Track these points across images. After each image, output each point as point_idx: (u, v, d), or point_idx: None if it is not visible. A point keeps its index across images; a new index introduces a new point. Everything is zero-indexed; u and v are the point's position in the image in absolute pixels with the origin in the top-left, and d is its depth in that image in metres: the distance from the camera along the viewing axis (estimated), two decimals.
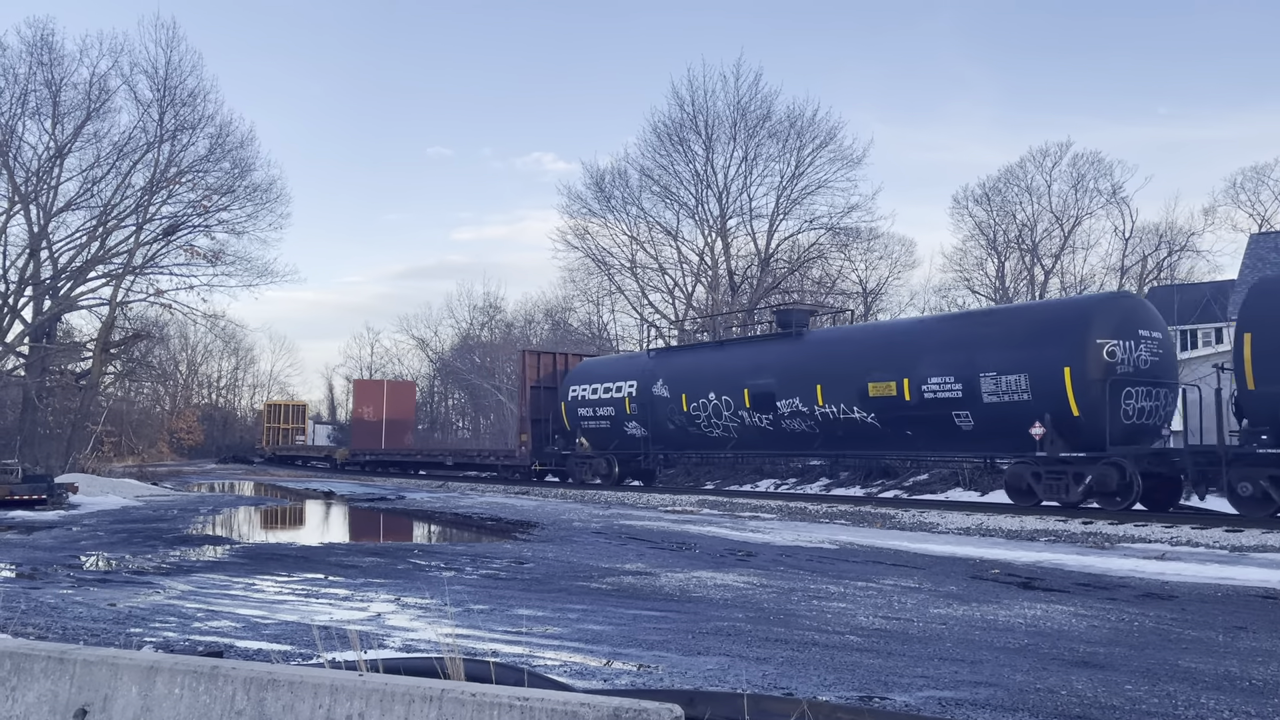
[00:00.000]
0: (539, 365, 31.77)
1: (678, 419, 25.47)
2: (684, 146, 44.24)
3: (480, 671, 4.36)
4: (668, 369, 26.43)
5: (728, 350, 25.70)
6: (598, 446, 28.54)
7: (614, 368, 29.33)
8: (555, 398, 30.41)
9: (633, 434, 27.29)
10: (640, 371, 27.36)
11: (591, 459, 28.70)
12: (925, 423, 19.77)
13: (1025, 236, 50.71)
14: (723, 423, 24.35)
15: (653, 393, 26.25)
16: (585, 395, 28.76)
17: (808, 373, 22.31)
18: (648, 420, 26.49)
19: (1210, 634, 7.43)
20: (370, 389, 53.70)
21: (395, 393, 53.30)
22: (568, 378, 30.28)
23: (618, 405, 27.52)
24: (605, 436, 28.18)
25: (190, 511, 22.16)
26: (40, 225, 34.63)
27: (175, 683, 3.91)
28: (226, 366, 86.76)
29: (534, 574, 11.13)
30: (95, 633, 7.39)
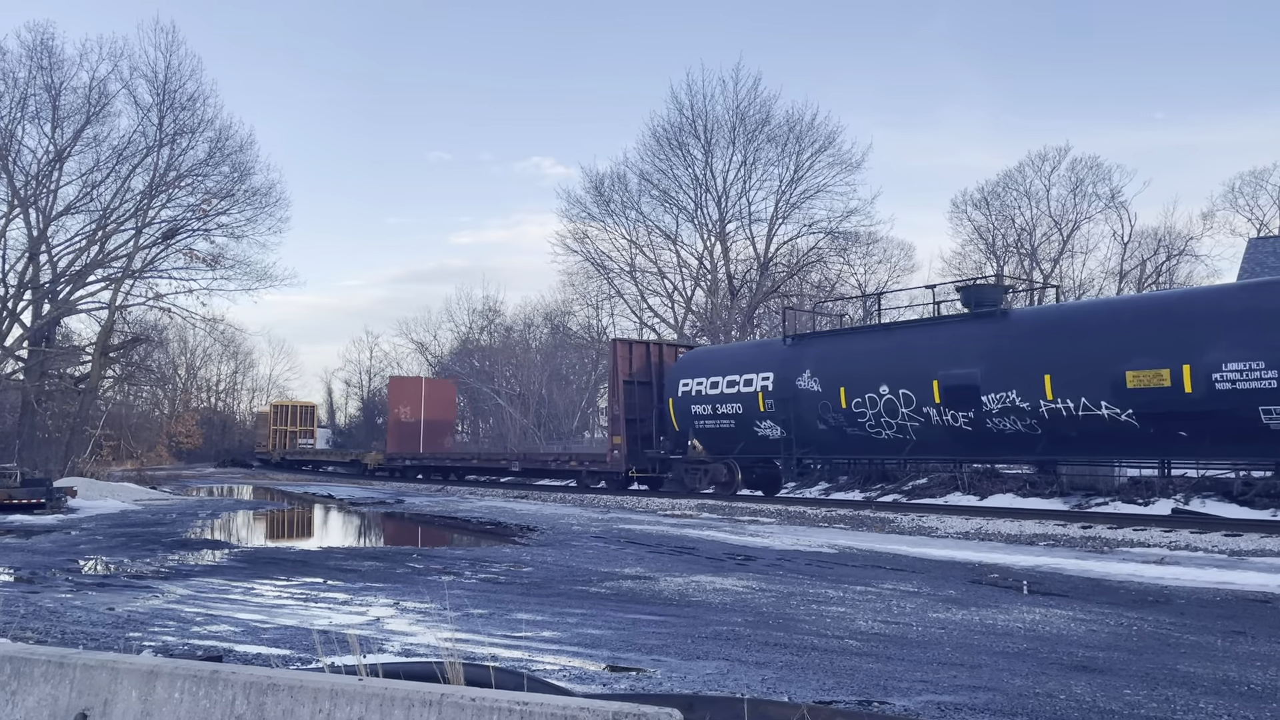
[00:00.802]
0: (631, 357, 27.89)
1: (832, 417, 21.68)
2: (683, 151, 44.34)
3: (480, 676, 4.36)
4: (817, 358, 22.35)
5: (900, 335, 21.56)
6: (716, 450, 24.90)
7: (739, 357, 25.18)
8: (650, 393, 27.29)
9: (766, 435, 23.40)
10: (777, 361, 23.31)
11: (706, 464, 25.18)
12: (1212, 420, 16.15)
13: (1024, 240, 50.74)
14: (897, 422, 20.56)
15: (796, 386, 22.35)
16: (701, 390, 24.85)
17: (1028, 360, 18.42)
18: (789, 419, 22.57)
19: (1209, 638, 7.44)
20: (407, 387, 48.66)
21: (434, 391, 48.71)
22: (675, 370, 26.28)
23: (746, 401, 23.63)
24: (727, 438, 24.39)
25: (189, 515, 22.15)
26: (39, 229, 34.64)
27: (175, 687, 3.91)
28: (225, 370, 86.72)
29: (533, 578, 11.13)
30: (94, 637, 7.38)
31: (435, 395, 48.15)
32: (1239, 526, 15.18)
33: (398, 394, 48.13)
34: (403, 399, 47.39)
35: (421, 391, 47.63)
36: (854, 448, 22.01)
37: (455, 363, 63.30)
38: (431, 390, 48.43)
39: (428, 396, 47.17)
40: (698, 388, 25.02)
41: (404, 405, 46.96)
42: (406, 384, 49.60)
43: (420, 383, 49.64)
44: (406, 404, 46.89)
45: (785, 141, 43.17)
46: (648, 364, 27.91)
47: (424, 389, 47.98)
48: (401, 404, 47.17)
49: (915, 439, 20.46)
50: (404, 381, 50.65)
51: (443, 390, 50.36)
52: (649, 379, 27.54)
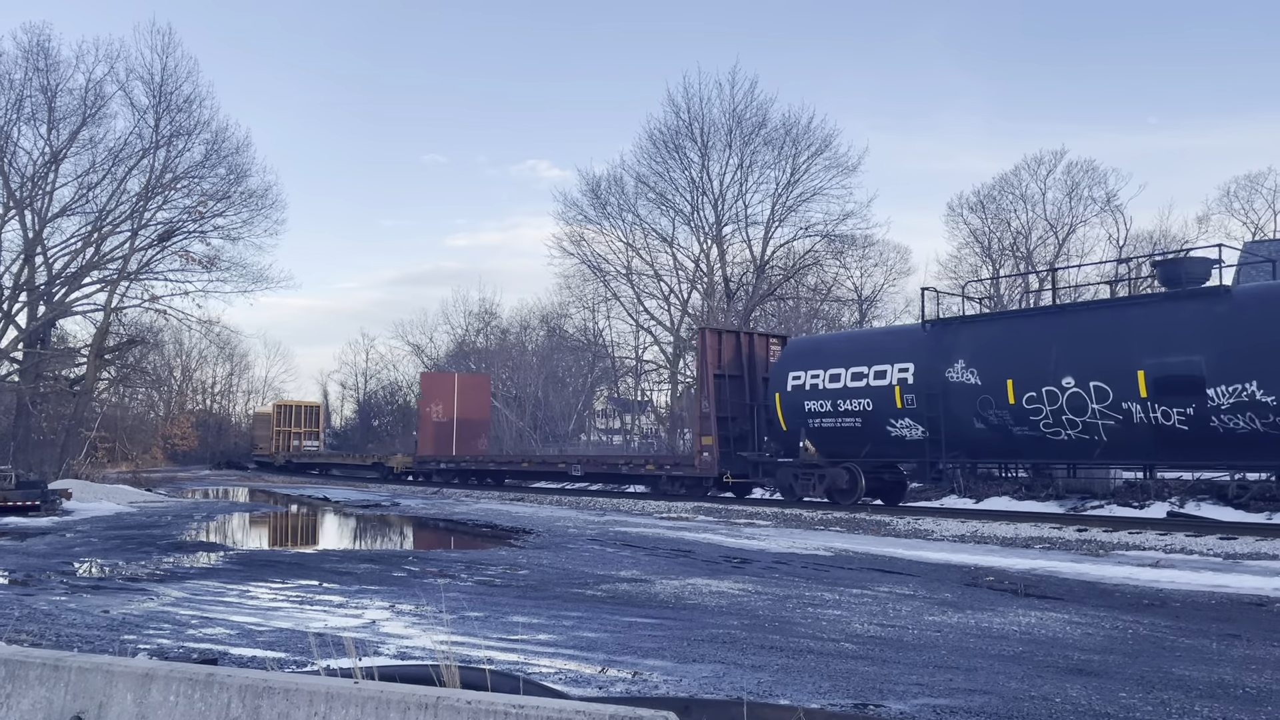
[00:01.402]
0: (721, 347, 25.14)
1: (995, 415, 18.70)
2: (680, 153, 44.35)
3: (475, 679, 4.36)
4: (974, 345, 19.37)
5: (1081, 318, 18.41)
6: (833, 453, 21.84)
7: (866, 345, 22.25)
8: (742, 387, 24.88)
9: (901, 436, 20.52)
10: (918, 349, 20.41)
11: (821, 469, 22.02)
12: None
13: (1020, 244, 50.83)
14: (1084, 420, 17.54)
15: (946, 378, 19.44)
16: (816, 384, 21.89)
17: (1271, 346, 15.68)
18: (936, 416, 19.60)
19: (1204, 642, 7.45)
20: (439, 384, 44.29)
21: (468, 388, 44.22)
22: (783, 361, 23.48)
23: (877, 397, 20.72)
24: (849, 439, 21.39)
25: (184, 518, 22.11)
26: (35, 231, 34.61)
27: (170, 690, 3.91)
28: (221, 372, 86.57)
29: (529, 581, 11.12)
30: (89, 639, 7.37)
31: (469, 393, 44.02)
32: (1234, 530, 15.21)
33: (430, 391, 43.84)
34: (435, 397, 43.18)
35: (454, 389, 43.58)
36: (1022, 450, 18.97)
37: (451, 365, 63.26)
38: (465, 387, 44.33)
39: (461, 394, 43.25)
40: (812, 381, 22.00)
41: (436, 403, 42.85)
42: (439, 380, 45.32)
43: (453, 379, 45.49)
44: (439, 402, 42.83)
45: (782, 144, 43.23)
46: (738, 355, 25.29)
47: (457, 386, 43.98)
48: (433, 402, 43.02)
49: (1106, 440, 17.46)
50: (436, 378, 46.55)
51: (477, 387, 45.80)
52: (739, 372, 25.06)
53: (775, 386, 23.11)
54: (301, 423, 62.16)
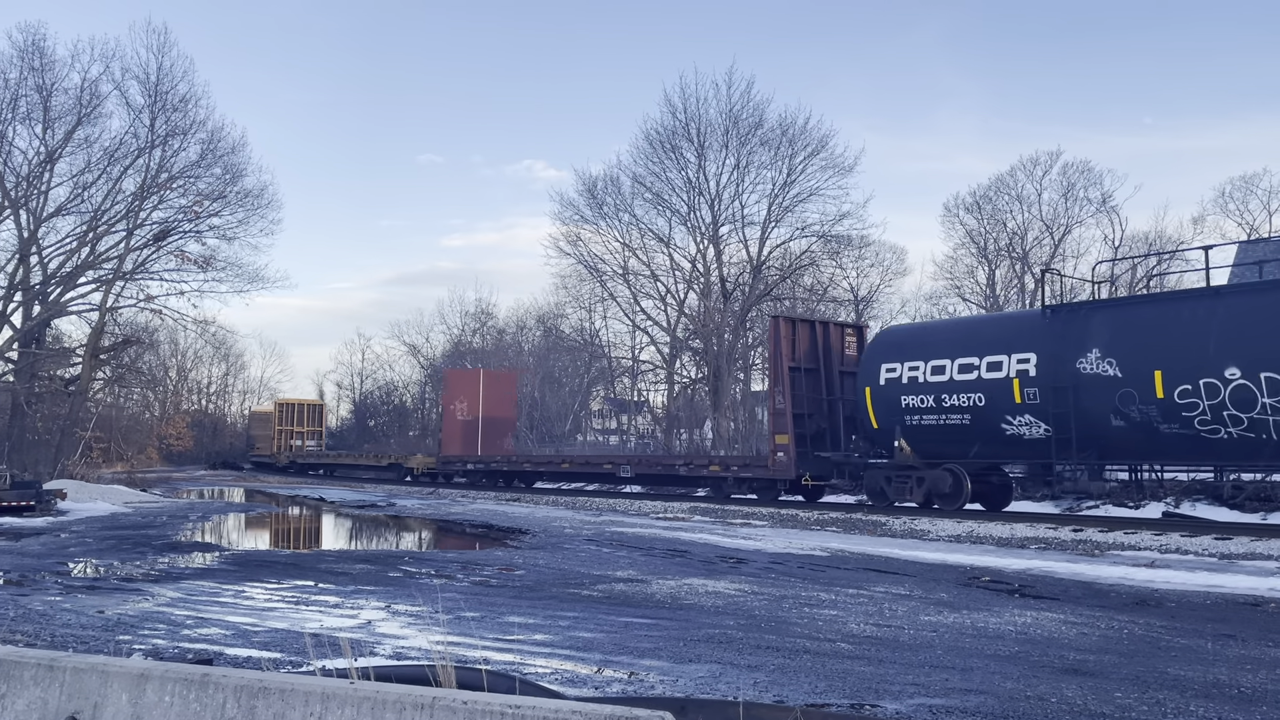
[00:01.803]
0: (795, 338, 23.14)
1: (1138, 411, 16.70)
2: (676, 154, 44.32)
3: (472, 679, 4.35)
4: (1111, 332, 17.36)
5: (1243, 301, 16.43)
6: (933, 453, 19.86)
7: (973, 333, 20.14)
8: (818, 381, 23.05)
9: (1019, 434, 18.46)
10: (1038, 337, 18.38)
11: (918, 470, 20.07)
12: None
13: (1016, 245, 50.89)
14: (1250, 416, 15.60)
15: (1077, 370, 17.44)
16: (915, 377, 19.91)
17: None
18: (1064, 413, 17.60)
19: (1199, 642, 7.47)
20: (464, 381, 42.07)
21: (494, 385, 41.97)
22: (875, 352, 21.38)
23: (992, 390, 18.69)
24: (954, 438, 19.36)
25: (179, 518, 22.07)
26: (30, 230, 34.53)
27: (165, 690, 3.90)
28: (217, 372, 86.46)
29: (525, 581, 11.11)
30: (84, 640, 7.35)
31: (495, 390, 41.78)
32: (1229, 530, 15.24)
33: (454, 388, 41.86)
34: (459, 394, 41.11)
35: (479, 386, 41.44)
36: (1170, 451, 17.00)
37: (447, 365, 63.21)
38: (491, 384, 42.03)
39: (487, 391, 41.15)
40: (910, 374, 19.98)
41: (460, 401, 40.63)
42: (463, 377, 43.32)
43: (478, 376, 43.18)
44: (463, 399, 40.66)
45: (778, 145, 43.22)
46: (813, 346, 23.39)
47: (482, 383, 41.77)
48: (458, 399, 40.88)
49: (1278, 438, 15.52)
50: (461, 375, 44.51)
51: (503, 384, 43.29)
52: (815, 364, 23.20)
53: (866, 380, 21.03)
54: (304, 422, 60.38)
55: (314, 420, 61.62)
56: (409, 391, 75.14)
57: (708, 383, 43.77)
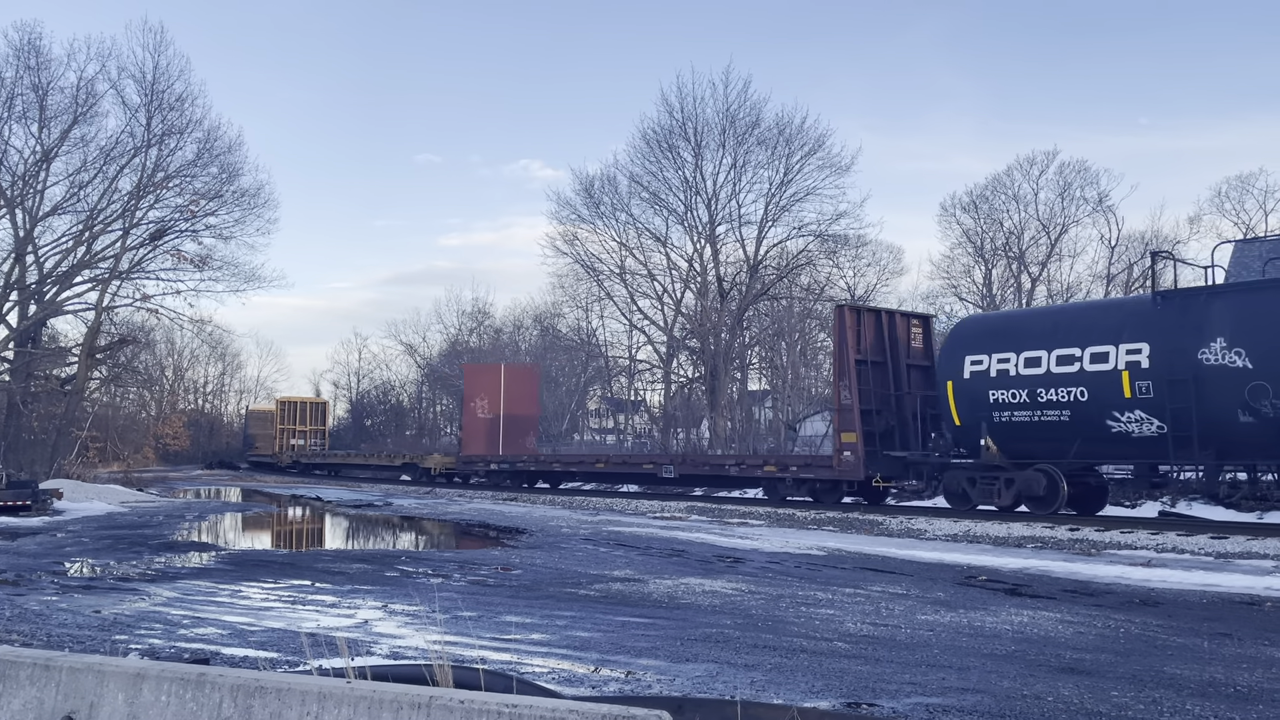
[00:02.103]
0: (861, 328, 21.56)
1: (1273, 406, 15.34)
2: (673, 153, 44.33)
3: (468, 678, 4.35)
4: (1235, 319, 15.92)
5: None
6: (1022, 452, 18.24)
7: (1072, 322, 18.43)
8: (885, 375, 21.53)
9: (1126, 431, 16.95)
10: (1150, 326, 16.91)
11: (1006, 471, 18.45)
12: None
13: (1012, 244, 50.94)
14: None
15: (1199, 361, 16.00)
16: (1006, 369, 18.34)
17: None
18: (1183, 408, 16.14)
19: (1195, 640, 7.48)
20: (484, 377, 39.54)
21: (515, 381, 39.68)
22: (957, 343, 19.71)
23: (1097, 384, 17.20)
24: (1051, 436, 17.79)
25: (176, 518, 22.05)
26: (26, 230, 34.48)
27: (162, 690, 3.89)
28: (213, 372, 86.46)
29: (522, 581, 11.11)
30: (80, 640, 7.34)
31: (516, 386, 39.50)
32: (1225, 529, 15.26)
33: (474, 385, 39.22)
34: (479, 390, 38.72)
35: (500, 382, 39.09)
36: None
37: (444, 364, 63.20)
38: (512, 380, 39.74)
39: (508, 387, 38.91)
40: (1000, 366, 18.43)
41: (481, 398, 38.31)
42: (483, 374, 40.65)
43: (499, 371, 40.76)
44: (484, 396, 38.33)
45: (775, 144, 43.23)
46: (880, 338, 21.87)
47: (503, 378, 39.41)
48: (478, 396, 38.50)
49: None
50: (480, 370, 41.79)
51: (525, 380, 41.00)
52: (881, 357, 21.75)
53: (947, 373, 19.45)
54: (307, 420, 58.84)
55: (317, 419, 60.00)
56: (405, 391, 75.16)
57: (705, 382, 43.79)
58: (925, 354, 22.63)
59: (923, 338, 22.92)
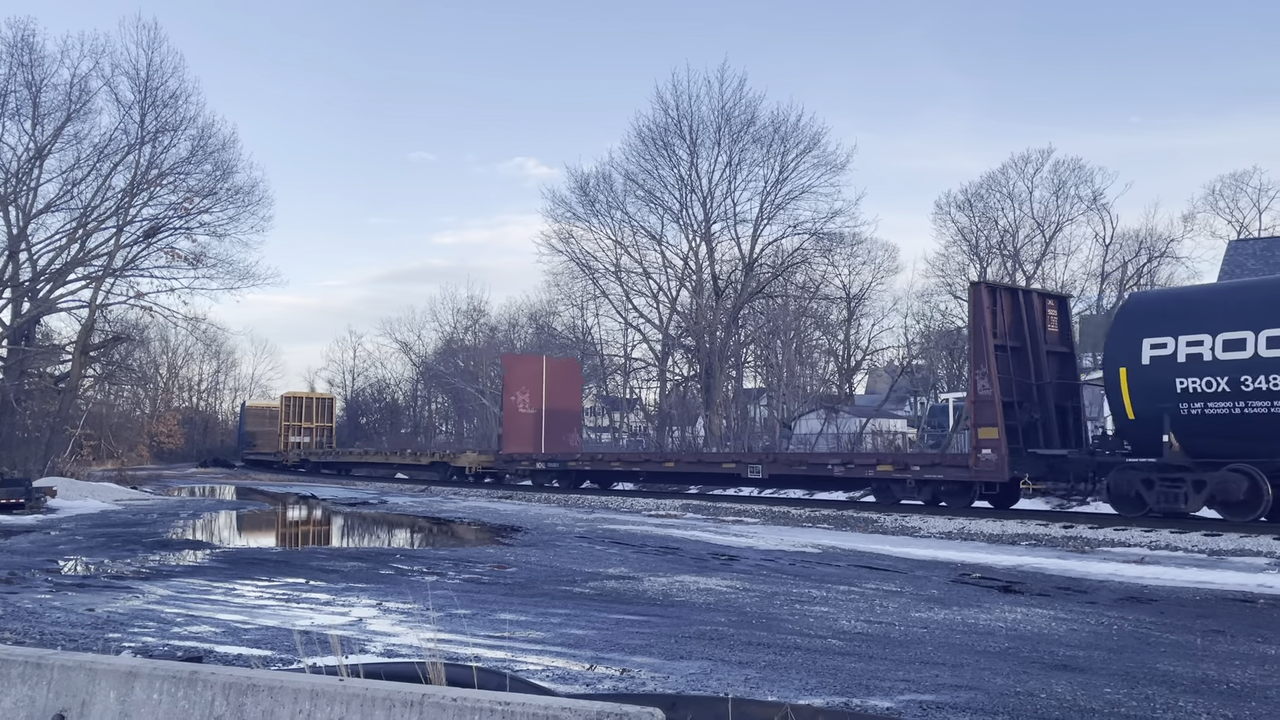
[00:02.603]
0: (998, 309, 19.12)
1: None
2: (668, 151, 44.34)
3: (462, 676, 4.35)
4: None
5: None
6: (1213, 451, 15.88)
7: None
8: (1025, 362, 19.16)
9: None
10: None
11: (1194, 473, 16.04)
12: None
13: (1007, 242, 51.01)
14: None
15: None
16: (1197, 354, 15.90)
17: None
18: None
19: (1188, 637, 7.49)
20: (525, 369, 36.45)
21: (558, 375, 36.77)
22: (1130, 323, 17.19)
23: None
24: (1257, 432, 15.45)
25: (170, 516, 22.01)
26: (19, 227, 34.37)
27: (154, 688, 3.88)
28: (208, 370, 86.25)
29: (517, 578, 11.10)
30: (73, 638, 7.32)
31: (559, 380, 36.36)
32: (1218, 526, 15.29)
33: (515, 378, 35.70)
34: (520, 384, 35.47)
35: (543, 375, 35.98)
36: None
37: (439, 362, 63.14)
38: (555, 373, 36.57)
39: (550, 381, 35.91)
40: (1190, 350, 16.03)
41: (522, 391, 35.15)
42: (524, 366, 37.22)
43: (540, 364, 37.28)
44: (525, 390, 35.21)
45: (770, 142, 43.25)
46: (1018, 320, 19.45)
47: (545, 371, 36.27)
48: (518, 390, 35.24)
49: None
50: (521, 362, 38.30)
51: (566, 373, 37.70)
52: (1020, 343, 19.39)
53: (1119, 359, 17.00)
54: (312, 417, 56.13)
55: (323, 415, 57.17)
56: (401, 389, 75.05)
57: (700, 380, 43.81)
58: (1062, 338, 20.33)
59: (1059, 320, 20.41)
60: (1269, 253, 29.39)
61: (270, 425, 60.89)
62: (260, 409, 66.63)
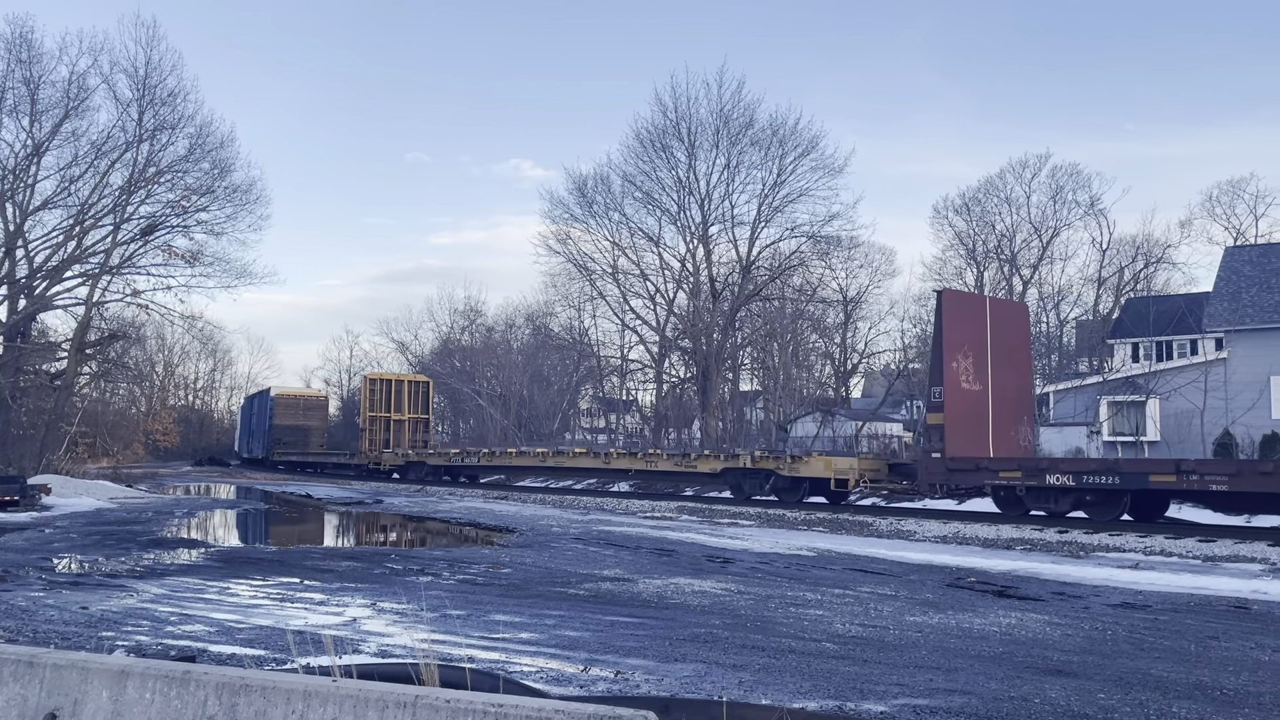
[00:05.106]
0: None
1: None
2: (667, 153, 44.32)
3: (455, 678, 4.34)
4: None
5: None
6: None
7: None
8: None
9: None
10: None
11: None
12: None
13: (1004, 247, 51.08)
14: None
15: None
16: None
17: None
18: None
19: (1182, 643, 7.50)
20: (967, 318, 21.69)
21: (1003, 327, 22.43)
22: None
23: None
24: None
25: (165, 514, 21.96)
26: (16, 224, 34.30)
27: (146, 687, 3.88)
28: (204, 368, 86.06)
29: (511, 580, 11.09)
30: (66, 636, 7.31)
31: (1005, 335, 22.31)
32: (1213, 532, 15.31)
33: (958, 330, 20.90)
34: (963, 340, 20.99)
35: (986, 327, 21.74)
36: None
37: (436, 362, 63.05)
38: (1001, 324, 22.40)
39: (995, 339, 22.00)
40: None
41: (965, 353, 20.83)
42: (968, 307, 22.52)
43: (983, 307, 23.14)
44: (968, 352, 21.00)
45: (768, 145, 43.24)
46: None
47: (989, 321, 21.78)
48: (960, 350, 20.81)
49: None
50: (965, 303, 23.34)
51: (1015, 324, 23.55)
52: None
53: None
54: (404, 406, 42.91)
55: (418, 404, 43.70)
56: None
57: (696, 382, 43.79)
58: None
59: None
60: (1265, 259, 29.45)
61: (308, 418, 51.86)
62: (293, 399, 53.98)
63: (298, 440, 51.49)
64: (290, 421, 52.33)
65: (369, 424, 42.92)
